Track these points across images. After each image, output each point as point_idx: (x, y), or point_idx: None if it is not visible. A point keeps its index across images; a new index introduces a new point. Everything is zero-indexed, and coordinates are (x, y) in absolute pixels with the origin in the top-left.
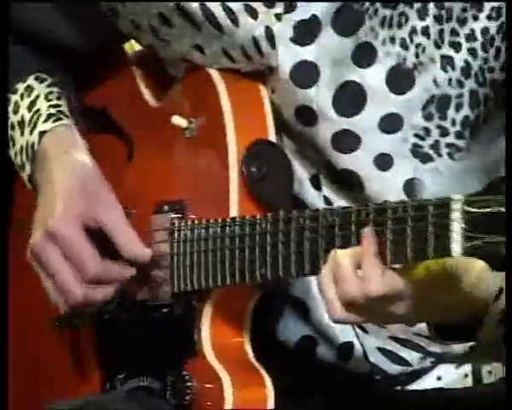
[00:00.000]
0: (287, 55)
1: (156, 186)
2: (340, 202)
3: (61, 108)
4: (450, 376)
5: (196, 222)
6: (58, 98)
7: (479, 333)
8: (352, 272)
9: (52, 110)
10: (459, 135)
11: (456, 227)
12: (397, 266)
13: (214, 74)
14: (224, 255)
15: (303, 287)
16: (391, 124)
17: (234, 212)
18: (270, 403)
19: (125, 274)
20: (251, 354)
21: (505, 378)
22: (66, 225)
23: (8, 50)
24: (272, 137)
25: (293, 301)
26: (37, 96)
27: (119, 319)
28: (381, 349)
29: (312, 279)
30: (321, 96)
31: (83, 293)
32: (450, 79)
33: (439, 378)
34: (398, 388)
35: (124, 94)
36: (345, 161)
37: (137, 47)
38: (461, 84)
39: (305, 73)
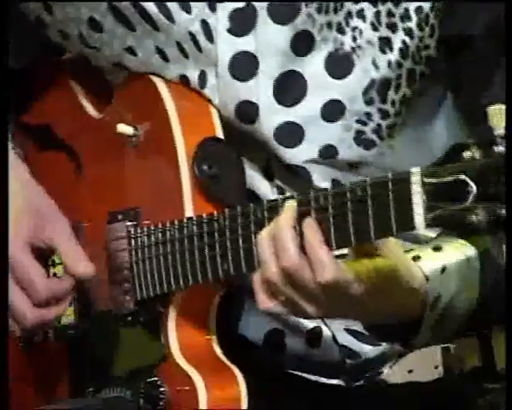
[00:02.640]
0: (225, 48)
1: (108, 197)
2: (293, 191)
3: None
4: (420, 368)
5: (152, 227)
6: None
7: (413, 338)
8: (294, 239)
9: None
10: (397, 113)
11: (417, 199)
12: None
13: (156, 80)
14: (184, 256)
15: None
16: (333, 111)
17: (189, 213)
18: (244, 402)
19: (66, 286)
20: (220, 352)
21: (505, 378)
22: (14, 249)
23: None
24: (220, 134)
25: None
26: None
27: (84, 333)
28: (348, 330)
29: None
30: (261, 87)
31: (35, 316)
32: (389, 61)
33: (410, 371)
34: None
35: (64, 108)
36: (290, 155)
37: None
38: (400, 66)
39: (244, 65)
